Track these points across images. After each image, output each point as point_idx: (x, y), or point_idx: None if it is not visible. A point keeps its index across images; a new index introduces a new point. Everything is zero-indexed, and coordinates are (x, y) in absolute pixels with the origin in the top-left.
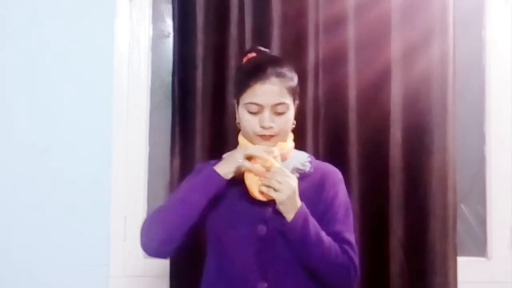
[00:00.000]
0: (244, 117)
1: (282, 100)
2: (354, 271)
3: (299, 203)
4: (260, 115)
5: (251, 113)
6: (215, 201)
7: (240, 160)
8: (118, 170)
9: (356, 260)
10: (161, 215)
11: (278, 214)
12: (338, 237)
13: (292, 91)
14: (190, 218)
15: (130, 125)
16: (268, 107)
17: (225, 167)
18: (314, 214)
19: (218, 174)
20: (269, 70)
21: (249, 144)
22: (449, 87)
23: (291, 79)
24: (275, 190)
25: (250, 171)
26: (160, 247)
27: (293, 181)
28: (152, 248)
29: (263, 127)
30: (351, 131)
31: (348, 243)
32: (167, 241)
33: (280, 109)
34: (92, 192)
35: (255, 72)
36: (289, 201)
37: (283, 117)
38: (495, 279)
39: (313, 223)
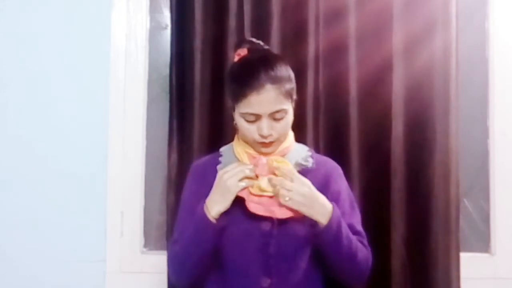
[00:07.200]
0: (242, 125)
1: (279, 107)
2: (370, 261)
3: (326, 204)
4: (258, 123)
5: (248, 121)
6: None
7: (234, 191)
8: (115, 164)
9: (370, 249)
10: (180, 264)
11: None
12: (351, 230)
13: (289, 94)
14: (210, 258)
15: (127, 119)
16: (266, 116)
17: (220, 206)
18: None
19: (213, 223)
20: (263, 77)
21: (244, 157)
22: (452, 80)
23: (287, 79)
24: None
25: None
26: (193, 283)
27: (303, 186)
28: (186, 286)
29: (262, 136)
30: (352, 125)
31: (361, 234)
32: (197, 279)
33: (278, 115)
34: (89, 187)
35: (248, 80)
36: (306, 206)
37: (282, 122)
38: (499, 275)
39: (344, 225)
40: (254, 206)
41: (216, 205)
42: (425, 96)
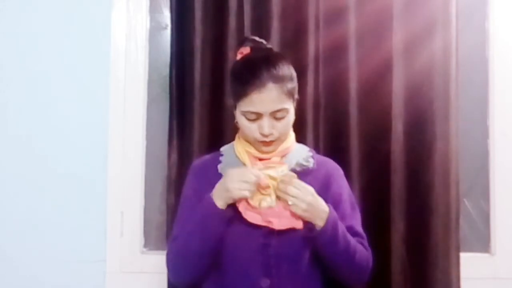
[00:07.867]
0: (243, 124)
1: (281, 106)
2: (371, 262)
3: (325, 208)
4: (260, 121)
5: (250, 120)
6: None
7: (236, 195)
8: (115, 164)
9: (370, 250)
10: (181, 259)
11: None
12: (351, 232)
13: (291, 93)
14: (212, 251)
15: (127, 119)
16: (267, 114)
17: (222, 202)
18: None
19: (221, 209)
20: (265, 75)
21: (245, 157)
22: (452, 80)
23: (289, 78)
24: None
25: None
26: (192, 282)
27: (307, 193)
28: (185, 285)
29: (263, 134)
30: (352, 125)
31: (361, 235)
32: (197, 277)
33: (279, 114)
34: (89, 187)
35: (250, 78)
36: (309, 212)
37: (283, 121)
38: (499, 275)
39: (341, 227)
40: (252, 216)
41: (219, 200)
42: (425, 96)
